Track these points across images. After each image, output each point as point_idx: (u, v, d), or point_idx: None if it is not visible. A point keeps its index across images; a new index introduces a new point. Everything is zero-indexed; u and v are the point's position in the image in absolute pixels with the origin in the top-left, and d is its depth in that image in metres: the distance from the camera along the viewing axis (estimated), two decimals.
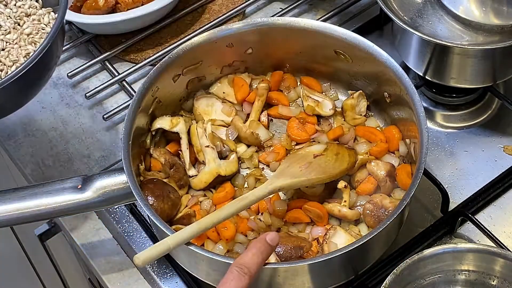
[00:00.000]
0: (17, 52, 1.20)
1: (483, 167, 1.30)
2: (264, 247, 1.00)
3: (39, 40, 1.22)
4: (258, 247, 1.00)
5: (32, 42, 1.22)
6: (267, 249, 1.01)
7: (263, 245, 1.00)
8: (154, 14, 1.48)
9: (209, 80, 1.33)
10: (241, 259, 0.99)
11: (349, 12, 1.53)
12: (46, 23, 1.24)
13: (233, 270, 0.97)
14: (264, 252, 1.00)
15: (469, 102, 1.38)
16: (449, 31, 1.28)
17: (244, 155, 1.26)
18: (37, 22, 1.24)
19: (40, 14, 1.25)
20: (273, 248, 1.02)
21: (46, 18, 1.24)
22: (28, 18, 1.25)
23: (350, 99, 1.28)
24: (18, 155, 1.38)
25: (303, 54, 1.31)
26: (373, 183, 1.20)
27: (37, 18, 1.25)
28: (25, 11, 1.25)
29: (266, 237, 1.01)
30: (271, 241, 1.01)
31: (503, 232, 1.22)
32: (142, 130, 1.22)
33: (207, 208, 1.20)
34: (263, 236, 1.02)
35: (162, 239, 1.02)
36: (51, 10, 1.26)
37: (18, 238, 1.84)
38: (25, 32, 1.23)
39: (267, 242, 1.01)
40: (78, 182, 1.13)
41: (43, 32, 1.23)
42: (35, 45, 1.21)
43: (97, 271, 1.23)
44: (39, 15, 1.25)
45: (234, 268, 0.97)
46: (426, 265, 1.08)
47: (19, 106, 1.19)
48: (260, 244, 1.00)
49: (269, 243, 1.01)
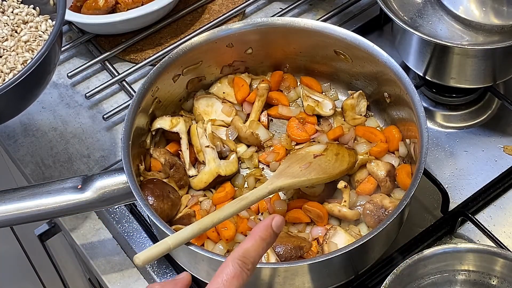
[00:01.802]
0: (14, 60, 1.20)
1: (483, 167, 1.30)
2: (269, 234, 0.90)
3: (36, 47, 1.23)
4: (262, 236, 0.89)
5: (29, 49, 1.22)
6: (272, 238, 0.90)
7: (267, 233, 0.90)
8: (154, 14, 1.48)
9: (209, 80, 1.33)
10: (243, 250, 0.88)
11: (349, 12, 1.53)
12: (44, 31, 1.25)
13: (235, 263, 0.86)
14: (268, 241, 0.90)
15: (469, 102, 1.38)
16: (449, 31, 1.28)
17: (244, 155, 1.27)
18: (34, 30, 1.25)
19: (38, 21, 1.26)
20: (277, 236, 0.91)
21: (43, 26, 1.25)
22: (26, 25, 1.26)
23: (350, 99, 1.28)
24: (18, 155, 1.38)
25: (303, 54, 1.31)
26: (373, 183, 1.20)
27: (35, 25, 1.26)
28: (22, 18, 1.26)
29: (271, 222, 0.90)
30: (276, 228, 0.90)
31: (503, 232, 1.23)
32: (142, 130, 1.22)
33: (207, 208, 1.20)
34: (267, 221, 0.90)
35: (162, 239, 1.02)
36: (48, 17, 1.27)
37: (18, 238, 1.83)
38: (22, 39, 1.23)
39: (272, 229, 0.90)
40: (78, 182, 1.13)
41: (41, 39, 1.24)
42: (33, 53, 1.22)
43: (97, 271, 1.23)
44: (36, 23, 1.26)
45: (236, 262, 0.86)
46: (426, 265, 1.08)
47: (18, 112, 1.20)
48: (264, 232, 0.90)
49: (274, 230, 0.90)
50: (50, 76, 1.20)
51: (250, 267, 0.87)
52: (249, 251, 0.88)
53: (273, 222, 0.90)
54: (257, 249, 0.88)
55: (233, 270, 0.86)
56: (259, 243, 0.89)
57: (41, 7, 1.28)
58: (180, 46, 1.26)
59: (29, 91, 1.16)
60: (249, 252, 0.88)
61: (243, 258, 0.87)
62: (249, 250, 0.88)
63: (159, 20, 1.51)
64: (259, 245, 0.89)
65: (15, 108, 1.18)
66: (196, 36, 1.27)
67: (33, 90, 1.18)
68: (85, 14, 1.47)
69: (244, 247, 0.88)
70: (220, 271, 0.86)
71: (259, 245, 0.89)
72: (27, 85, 1.12)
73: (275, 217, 0.91)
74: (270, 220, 0.91)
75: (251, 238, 0.89)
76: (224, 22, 1.52)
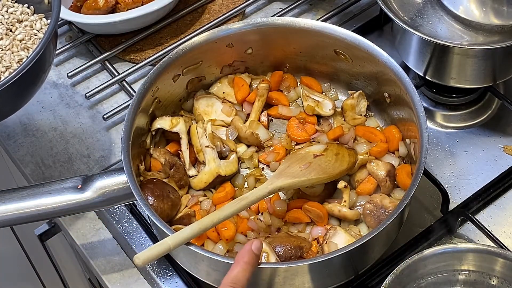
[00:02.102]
0: (10, 58, 1.21)
1: (483, 167, 1.30)
2: (252, 257, 1.00)
3: (31, 46, 1.23)
4: (246, 260, 1.00)
5: (24, 48, 1.23)
6: (255, 260, 1.01)
7: (250, 256, 1.00)
8: (154, 14, 1.48)
9: (209, 80, 1.33)
10: (232, 277, 0.98)
11: (349, 12, 1.53)
12: (38, 29, 1.26)
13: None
14: (252, 263, 1.00)
15: (469, 102, 1.38)
16: (449, 31, 1.28)
17: (244, 155, 1.26)
18: (29, 28, 1.25)
19: (32, 20, 1.27)
20: (259, 258, 1.02)
21: (38, 24, 1.26)
22: (20, 24, 1.26)
23: (350, 99, 1.28)
24: (18, 155, 1.38)
25: (303, 54, 1.31)
26: (373, 183, 1.20)
27: (29, 24, 1.26)
28: (17, 17, 1.27)
29: (251, 247, 1.01)
30: (257, 250, 1.01)
31: (503, 232, 1.22)
32: (142, 130, 1.22)
33: (207, 208, 1.20)
34: (248, 246, 1.01)
35: (162, 239, 1.02)
36: (43, 16, 1.28)
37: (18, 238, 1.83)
38: (17, 38, 1.24)
39: (254, 253, 1.00)
40: (78, 182, 1.13)
41: (36, 38, 1.25)
42: (28, 51, 1.23)
43: (97, 271, 1.23)
44: (31, 21, 1.27)
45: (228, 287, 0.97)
46: (426, 265, 1.08)
47: (13, 111, 1.20)
48: (247, 256, 1.00)
49: (255, 253, 1.01)
50: (46, 75, 1.20)
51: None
52: (237, 276, 0.98)
53: (252, 246, 1.01)
54: (244, 272, 0.99)
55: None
56: (245, 267, 0.99)
57: (35, 6, 1.29)
58: (180, 46, 1.26)
59: (24, 89, 1.17)
60: (238, 277, 0.98)
61: (234, 284, 0.97)
62: (237, 276, 0.98)
63: (159, 20, 1.51)
64: (245, 269, 0.99)
65: (10, 107, 1.19)
66: (196, 36, 1.27)
67: (29, 89, 1.18)
68: (85, 14, 1.47)
69: (232, 274, 0.98)
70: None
71: (245, 269, 0.99)
72: (22, 83, 1.13)
73: (254, 242, 1.01)
74: (249, 245, 1.01)
75: (237, 265, 0.99)
76: (224, 22, 1.52)
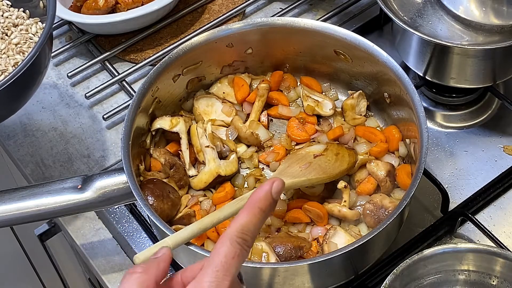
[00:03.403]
0: (5, 62, 1.22)
1: (483, 167, 1.30)
2: (269, 204, 0.78)
3: (27, 49, 1.24)
4: (262, 206, 0.77)
5: (20, 52, 1.24)
6: (272, 207, 0.78)
7: (267, 203, 0.78)
8: (154, 14, 1.48)
9: (209, 80, 1.33)
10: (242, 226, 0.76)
11: (349, 12, 1.53)
12: (34, 33, 1.27)
13: (234, 242, 0.76)
14: (267, 212, 0.78)
15: (469, 102, 1.38)
16: (449, 31, 1.28)
17: (244, 155, 1.26)
18: (24, 32, 1.27)
19: (28, 24, 1.28)
20: (276, 204, 0.80)
21: (33, 28, 1.27)
22: (16, 28, 1.27)
23: (350, 99, 1.28)
24: (18, 155, 1.38)
25: (303, 54, 1.31)
26: (373, 183, 1.20)
27: (25, 28, 1.27)
28: (12, 21, 1.28)
29: (270, 189, 0.78)
30: (276, 195, 0.78)
31: (503, 232, 1.22)
32: (142, 130, 1.22)
33: (207, 208, 1.20)
34: (267, 187, 0.78)
35: (162, 239, 1.02)
36: (38, 20, 1.29)
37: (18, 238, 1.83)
38: (13, 42, 1.25)
39: (272, 198, 0.78)
40: (78, 182, 1.13)
41: (31, 42, 1.26)
42: (23, 55, 1.24)
43: (97, 271, 1.23)
44: (26, 25, 1.28)
45: (235, 240, 0.76)
46: (426, 265, 1.08)
47: (10, 114, 1.21)
48: (264, 202, 0.78)
49: (274, 197, 0.78)
50: (41, 78, 1.21)
51: (250, 244, 0.76)
52: (248, 226, 0.77)
53: (273, 188, 0.78)
54: (256, 222, 0.77)
55: (232, 250, 0.76)
56: (258, 215, 0.77)
57: (31, 10, 1.30)
58: (180, 46, 1.26)
59: (20, 92, 1.17)
60: (248, 228, 0.77)
61: (243, 235, 0.76)
62: (248, 225, 0.77)
63: (159, 20, 1.51)
64: (258, 218, 0.77)
65: (6, 110, 1.19)
66: (196, 36, 1.27)
67: (25, 92, 1.19)
68: (85, 14, 1.47)
69: (242, 222, 0.77)
70: (216, 251, 0.76)
71: (258, 218, 0.77)
72: (18, 86, 1.13)
73: (276, 181, 0.79)
74: (269, 186, 0.79)
75: (249, 211, 0.77)
76: (224, 22, 1.52)
